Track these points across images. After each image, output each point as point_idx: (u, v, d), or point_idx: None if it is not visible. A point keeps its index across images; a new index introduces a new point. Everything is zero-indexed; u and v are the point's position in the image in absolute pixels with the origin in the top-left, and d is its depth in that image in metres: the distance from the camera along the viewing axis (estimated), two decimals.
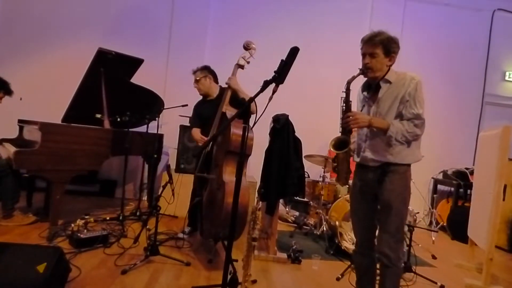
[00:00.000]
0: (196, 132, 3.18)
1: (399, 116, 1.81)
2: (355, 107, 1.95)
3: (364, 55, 1.85)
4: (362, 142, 1.94)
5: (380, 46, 1.80)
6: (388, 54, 1.82)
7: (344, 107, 1.89)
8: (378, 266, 1.91)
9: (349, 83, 1.88)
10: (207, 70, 3.22)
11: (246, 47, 2.87)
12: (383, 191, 1.82)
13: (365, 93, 1.96)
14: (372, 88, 1.90)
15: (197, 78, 3.18)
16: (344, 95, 1.89)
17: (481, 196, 3.02)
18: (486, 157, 3.03)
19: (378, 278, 1.92)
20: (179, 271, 2.46)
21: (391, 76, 1.84)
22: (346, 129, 1.86)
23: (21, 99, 4.53)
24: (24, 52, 4.64)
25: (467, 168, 4.64)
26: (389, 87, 1.84)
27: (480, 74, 5.33)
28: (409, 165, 1.84)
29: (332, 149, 1.92)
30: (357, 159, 1.97)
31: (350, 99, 1.89)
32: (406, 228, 3.18)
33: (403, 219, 1.85)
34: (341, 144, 1.89)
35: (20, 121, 3.61)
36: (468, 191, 4.44)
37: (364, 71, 1.85)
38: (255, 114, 1.66)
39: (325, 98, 4.96)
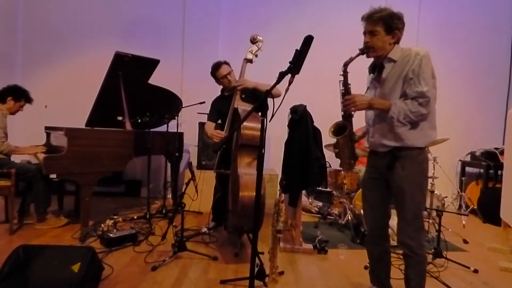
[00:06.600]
0: (210, 127, 3.17)
1: (404, 95, 1.69)
2: (360, 90, 1.88)
3: (364, 34, 1.77)
4: (370, 127, 1.87)
5: (381, 23, 1.70)
6: (390, 32, 1.71)
7: (343, 91, 1.83)
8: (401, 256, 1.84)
9: (346, 65, 1.80)
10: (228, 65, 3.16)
11: (253, 41, 2.88)
12: (395, 177, 1.73)
13: (371, 74, 1.88)
14: (377, 68, 1.80)
15: (230, 70, 3.10)
16: (342, 78, 1.83)
17: None
18: None
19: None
20: (207, 266, 2.51)
21: (396, 54, 1.73)
22: (346, 114, 1.82)
23: (46, 106, 4.72)
24: (45, 61, 4.82)
25: (496, 148, 4.44)
26: (393, 66, 1.73)
27: (505, 48, 5.03)
28: (422, 148, 1.74)
29: (330, 135, 1.88)
30: (367, 145, 1.91)
31: (349, 82, 1.82)
32: (434, 213, 3.12)
33: (420, 206, 1.75)
34: (340, 129, 1.85)
35: (46, 128, 3.75)
36: (499, 172, 4.25)
37: (364, 50, 1.76)
38: (281, 96, 1.63)
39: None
